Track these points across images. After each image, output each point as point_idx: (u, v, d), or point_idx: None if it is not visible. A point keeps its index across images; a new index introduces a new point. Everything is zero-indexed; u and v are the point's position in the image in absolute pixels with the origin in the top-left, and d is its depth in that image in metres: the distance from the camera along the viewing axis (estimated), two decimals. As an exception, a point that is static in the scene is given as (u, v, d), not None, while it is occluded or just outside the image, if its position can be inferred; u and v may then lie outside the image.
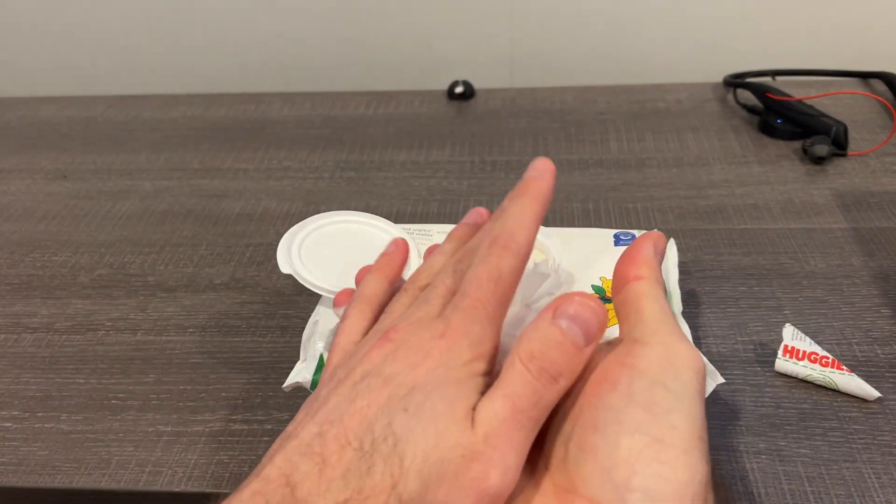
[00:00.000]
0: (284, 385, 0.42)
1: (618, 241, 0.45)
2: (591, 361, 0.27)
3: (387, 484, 0.24)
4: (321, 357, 0.41)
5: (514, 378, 0.25)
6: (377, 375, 0.26)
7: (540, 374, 0.25)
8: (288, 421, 0.44)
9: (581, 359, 0.26)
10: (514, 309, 0.31)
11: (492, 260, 0.28)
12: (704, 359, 0.41)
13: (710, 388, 0.39)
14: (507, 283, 0.28)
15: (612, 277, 0.41)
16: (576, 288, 0.41)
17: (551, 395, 0.26)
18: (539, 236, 0.45)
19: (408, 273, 0.39)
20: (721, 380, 0.39)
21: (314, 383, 0.41)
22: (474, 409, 0.25)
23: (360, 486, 0.24)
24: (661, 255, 0.31)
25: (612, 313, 0.40)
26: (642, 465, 0.23)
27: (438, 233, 0.47)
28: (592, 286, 0.41)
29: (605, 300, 0.40)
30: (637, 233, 0.46)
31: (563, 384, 0.26)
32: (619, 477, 0.23)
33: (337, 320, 0.41)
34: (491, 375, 0.27)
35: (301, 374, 0.42)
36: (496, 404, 0.25)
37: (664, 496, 0.23)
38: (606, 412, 0.25)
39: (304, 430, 0.26)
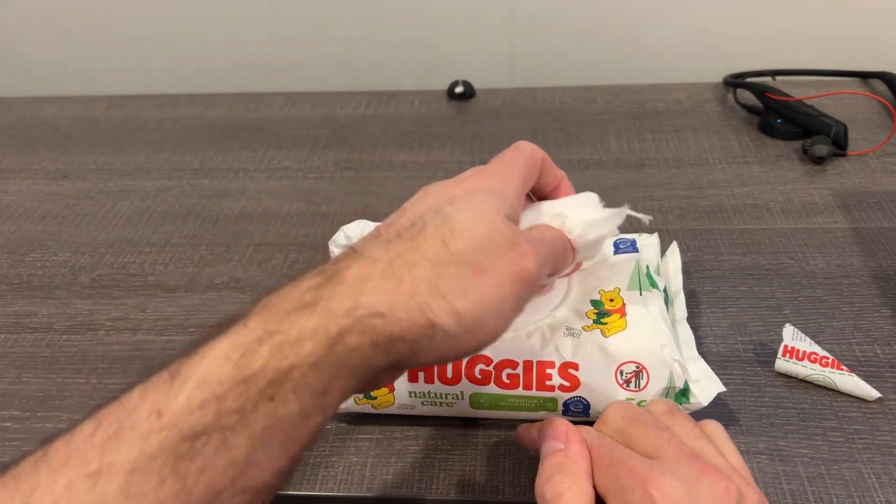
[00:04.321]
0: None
1: (616, 249, 0.45)
2: None
3: (438, 239, 0.28)
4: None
5: (544, 227, 0.34)
6: (421, 195, 0.32)
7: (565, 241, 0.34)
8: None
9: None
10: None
11: (514, 144, 0.36)
12: (706, 366, 0.41)
13: (711, 396, 0.39)
14: (525, 153, 0.35)
15: (609, 290, 0.41)
16: (577, 302, 0.41)
17: (559, 263, 0.34)
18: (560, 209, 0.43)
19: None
20: (722, 388, 0.39)
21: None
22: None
23: (412, 239, 0.28)
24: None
25: (612, 323, 0.40)
26: None
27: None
28: (591, 301, 0.41)
29: (605, 313, 0.40)
30: (637, 237, 0.46)
31: (562, 265, 0.35)
32: None
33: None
34: (515, 206, 0.32)
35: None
36: (531, 231, 0.32)
37: None
38: None
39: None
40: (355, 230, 0.49)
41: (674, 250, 0.48)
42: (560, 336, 0.39)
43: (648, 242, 0.46)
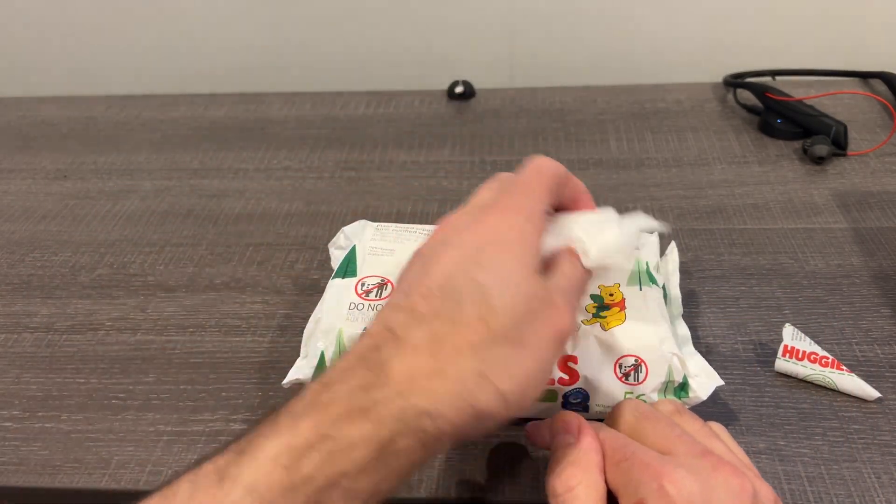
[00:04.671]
0: (284, 382, 0.42)
1: None
2: None
3: (477, 319, 0.28)
4: (322, 355, 0.41)
5: (567, 266, 0.32)
6: (442, 244, 0.31)
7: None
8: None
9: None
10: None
11: (534, 160, 0.34)
12: (704, 362, 0.41)
13: (709, 391, 0.39)
14: (549, 174, 0.34)
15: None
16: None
17: (583, 298, 0.33)
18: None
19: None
20: (720, 382, 0.39)
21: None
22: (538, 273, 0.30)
23: (451, 319, 0.28)
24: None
25: (611, 317, 0.40)
26: None
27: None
28: (591, 295, 0.41)
29: (604, 307, 0.40)
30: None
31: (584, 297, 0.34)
32: None
33: (338, 321, 0.41)
34: (540, 249, 0.31)
35: (301, 370, 0.42)
36: (557, 278, 0.31)
37: None
38: None
39: (392, 298, 0.31)
40: (355, 230, 0.49)
41: (672, 251, 0.48)
42: None
43: (647, 242, 0.46)
